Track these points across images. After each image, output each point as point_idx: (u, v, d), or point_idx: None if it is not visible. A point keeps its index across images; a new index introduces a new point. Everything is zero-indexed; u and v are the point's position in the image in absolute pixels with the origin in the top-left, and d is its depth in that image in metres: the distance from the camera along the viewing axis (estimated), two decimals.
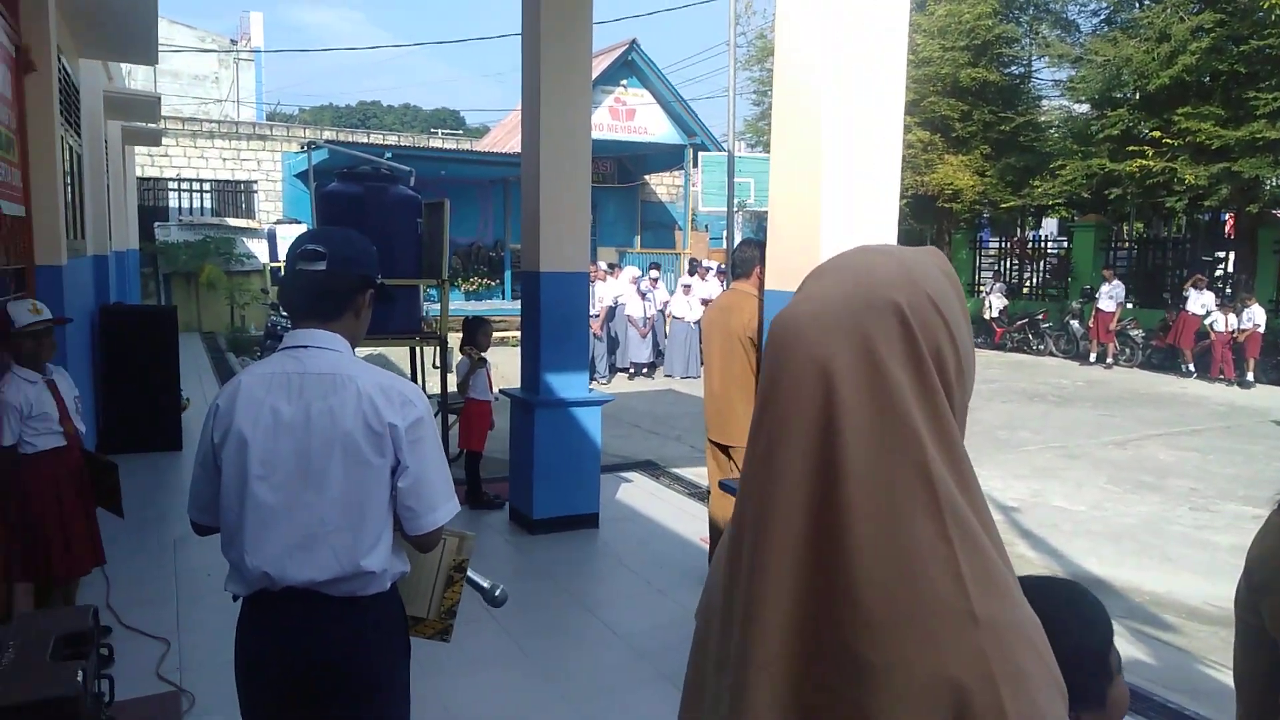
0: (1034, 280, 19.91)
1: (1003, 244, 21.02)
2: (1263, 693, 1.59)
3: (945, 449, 0.80)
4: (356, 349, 2.03)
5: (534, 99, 5.57)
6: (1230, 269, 17.03)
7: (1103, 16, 18.43)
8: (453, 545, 2.25)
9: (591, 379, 12.05)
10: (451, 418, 6.50)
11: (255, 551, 1.85)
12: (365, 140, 21.60)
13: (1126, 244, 18.70)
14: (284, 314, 10.20)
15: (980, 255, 21.22)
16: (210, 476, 1.94)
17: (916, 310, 0.82)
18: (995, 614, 0.76)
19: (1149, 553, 5.86)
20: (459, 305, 18.14)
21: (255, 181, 20.42)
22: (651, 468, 7.54)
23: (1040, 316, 17.26)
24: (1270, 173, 14.49)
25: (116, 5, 6.24)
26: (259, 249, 18.67)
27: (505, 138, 22.90)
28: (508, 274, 19.71)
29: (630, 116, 20.01)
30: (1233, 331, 13.48)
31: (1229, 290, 15.58)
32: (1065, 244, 19.61)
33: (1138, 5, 16.95)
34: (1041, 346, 16.99)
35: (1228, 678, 2.68)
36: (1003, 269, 20.31)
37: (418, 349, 7.55)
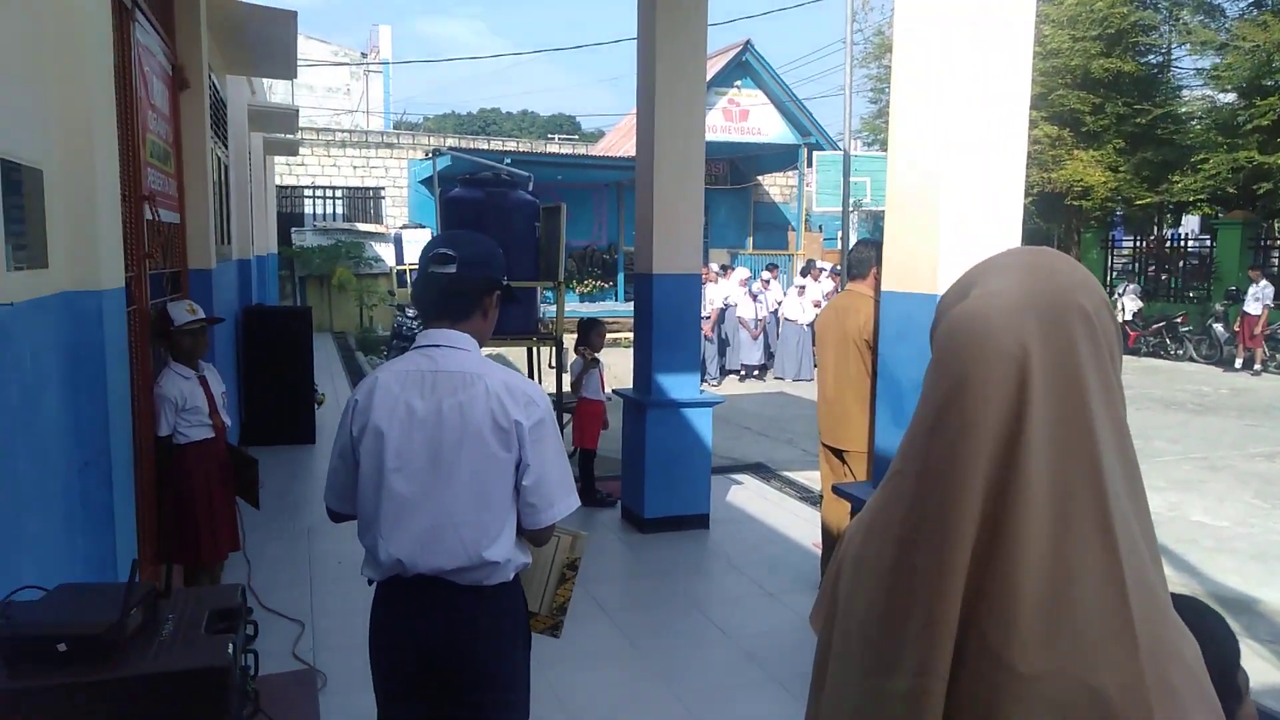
0: (1172, 281, 18.76)
1: (1137, 243, 19.87)
2: None
3: (1120, 456, 0.79)
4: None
5: (649, 102, 5.64)
6: None
7: (1251, 0, 17.24)
8: (566, 543, 2.31)
9: (702, 380, 12.07)
10: (565, 416, 6.64)
11: (390, 539, 1.96)
12: (485, 146, 22.27)
13: (1277, 242, 17.39)
14: (410, 314, 10.65)
15: (1113, 255, 20.11)
16: (348, 467, 2.07)
17: (1099, 313, 0.82)
18: (1153, 631, 0.75)
19: None
20: (573, 307, 18.46)
21: (383, 188, 21.35)
22: (762, 470, 7.50)
23: (1179, 319, 16.24)
24: None
25: (261, 25, 6.66)
26: (386, 253, 19.52)
27: (620, 142, 23.18)
28: (620, 276, 19.94)
29: (744, 117, 19.93)
30: None
31: None
32: (1208, 242, 18.38)
33: None
34: (1180, 351, 15.99)
35: None
36: (1137, 269, 19.21)
37: (534, 349, 7.74)
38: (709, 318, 12.62)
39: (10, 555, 2.09)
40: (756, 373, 13.63)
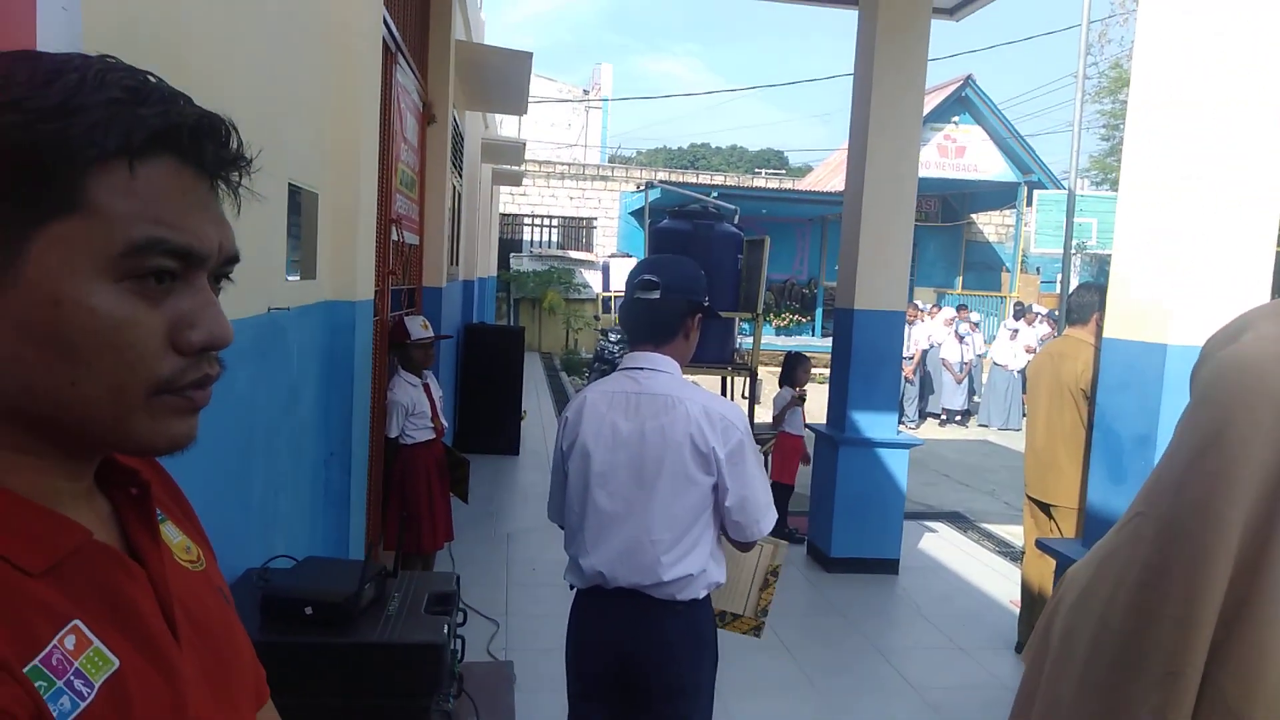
0: None
1: None
2: None
3: None
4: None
5: (861, 136, 5.62)
6: None
7: None
8: (769, 551, 2.41)
9: (900, 422, 11.68)
10: (757, 447, 6.67)
11: (594, 552, 2.10)
12: (694, 180, 22.79)
13: None
14: (612, 339, 11.06)
15: None
16: (562, 482, 2.23)
17: None
18: None
19: None
20: (769, 339, 18.42)
21: (595, 218, 22.33)
22: (959, 520, 7.17)
23: None
24: None
25: (500, 65, 7.23)
26: (594, 279, 20.37)
27: (827, 176, 23.00)
28: (819, 311, 19.71)
29: (960, 154, 19.22)
30: None
31: None
32: None
33: None
34: None
35: None
36: None
37: (729, 379, 7.83)
38: (911, 358, 12.21)
39: (268, 529, 2.41)
40: (959, 418, 13.01)
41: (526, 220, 22.26)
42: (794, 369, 6.60)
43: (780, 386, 6.66)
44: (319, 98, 2.77)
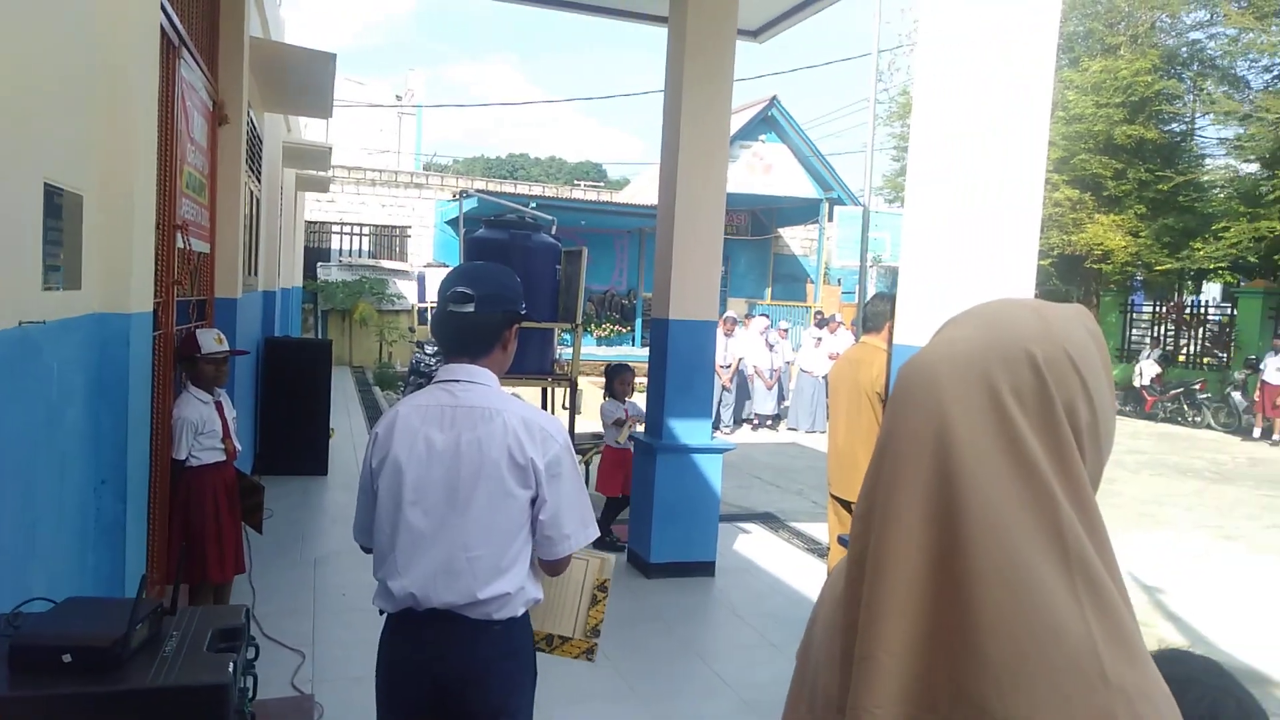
0: (1191, 348, 18.64)
1: (1157, 308, 19.82)
2: None
3: (1078, 504, 0.78)
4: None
5: (673, 151, 5.76)
6: None
7: (1275, 73, 17.37)
8: (595, 566, 2.34)
9: (716, 429, 12.06)
10: (576, 459, 6.67)
11: (405, 573, 2.00)
12: (512, 190, 22.64)
13: None
14: (428, 351, 10.74)
15: (1132, 319, 20.06)
16: (370, 502, 2.11)
17: (1052, 364, 0.80)
18: (1126, 677, 0.73)
19: None
20: (590, 350, 18.56)
21: (409, 227, 21.70)
22: (771, 520, 7.47)
23: (1197, 386, 16.12)
24: None
25: (301, 66, 6.87)
26: (409, 290, 19.76)
27: (645, 189, 23.48)
28: (638, 321, 20.06)
29: (767, 171, 20.17)
30: None
31: None
32: (1229, 310, 18.30)
33: None
34: (1198, 418, 15.85)
35: None
36: (1157, 334, 19.13)
37: (549, 390, 7.79)
38: (729, 367, 12.65)
39: (22, 567, 2.14)
40: (770, 423, 13.61)
41: (335, 228, 21.31)
42: (612, 380, 6.66)
43: (605, 398, 6.70)
44: (84, 91, 2.51)
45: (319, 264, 20.02)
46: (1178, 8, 18.85)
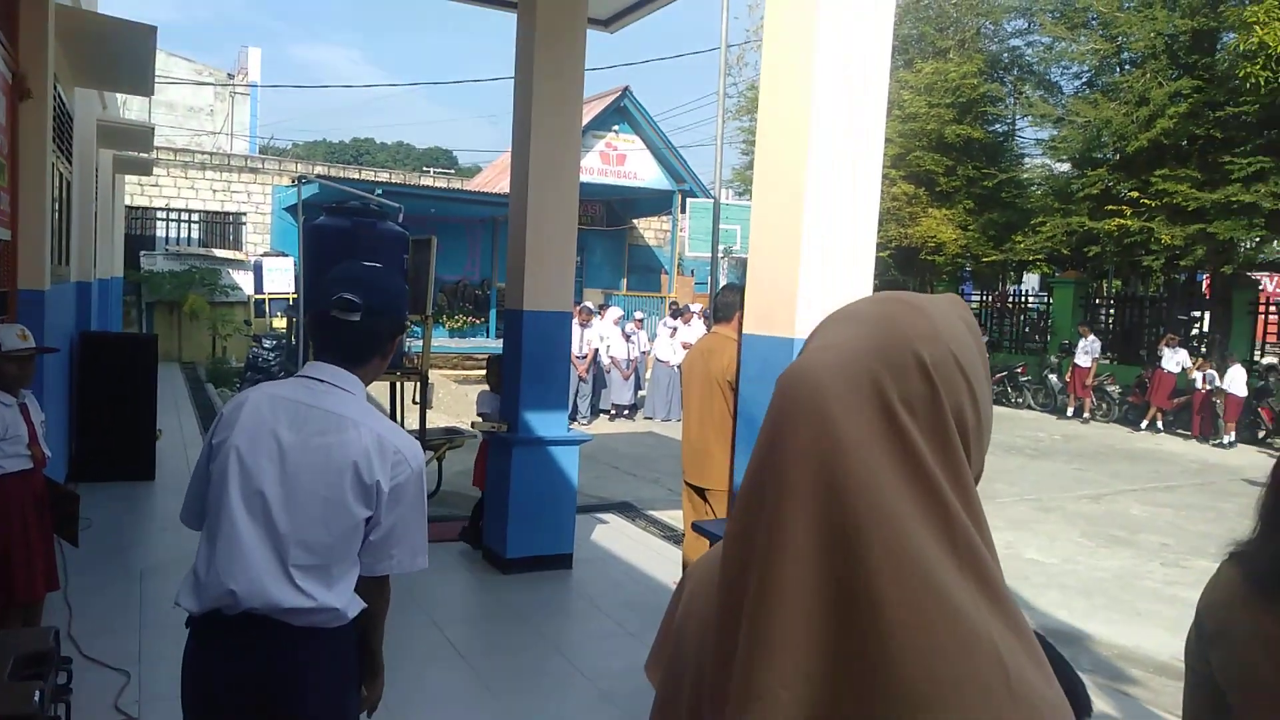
0: (1014, 334, 20.16)
1: (984, 297, 21.31)
2: None
3: (970, 513, 0.76)
4: None
5: (524, 140, 5.67)
6: (1205, 328, 17.30)
7: (1084, 79, 18.93)
8: None
9: (573, 420, 12.05)
10: (428, 454, 6.48)
11: (225, 568, 1.84)
12: (357, 176, 21.76)
13: (1105, 301, 18.99)
14: (266, 345, 10.20)
15: None
16: (202, 485, 1.96)
17: (940, 368, 0.78)
18: (1030, 687, 0.72)
19: (1119, 607, 5.88)
20: (442, 342, 18.16)
21: (244, 214, 20.48)
22: (628, 510, 7.53)
23: (1019, 370, 17.43)
24: (1244, 235, 14.81)
25: (117, 38, 6.33)
26: (244, 280, 18.67)
27: (496, 178, 23.14)
28: (493, 312, 19.78)
29: (621, 161, 20.28)
30: (1211, 389, 13.65)
31: (1204, 349, 15.81)
32: (1046, 299, 19.88)
33: (1118, 69, 17.41)
34: (1020, 399, 17.13)
35: None
36: (984, 322, 20.56)
37: (399, 384, 7.55)
38: (585, 358, 12.65)
39: None
40: (627, 412, 13.73)
41: (160, 214, 19.88)
42: (491, 371, 6.55)
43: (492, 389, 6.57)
44: None
45: (142, 253, 18.63)
46: (1000, 15, 20.25)
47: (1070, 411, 15.72)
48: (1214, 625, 1.58)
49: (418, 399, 7.13)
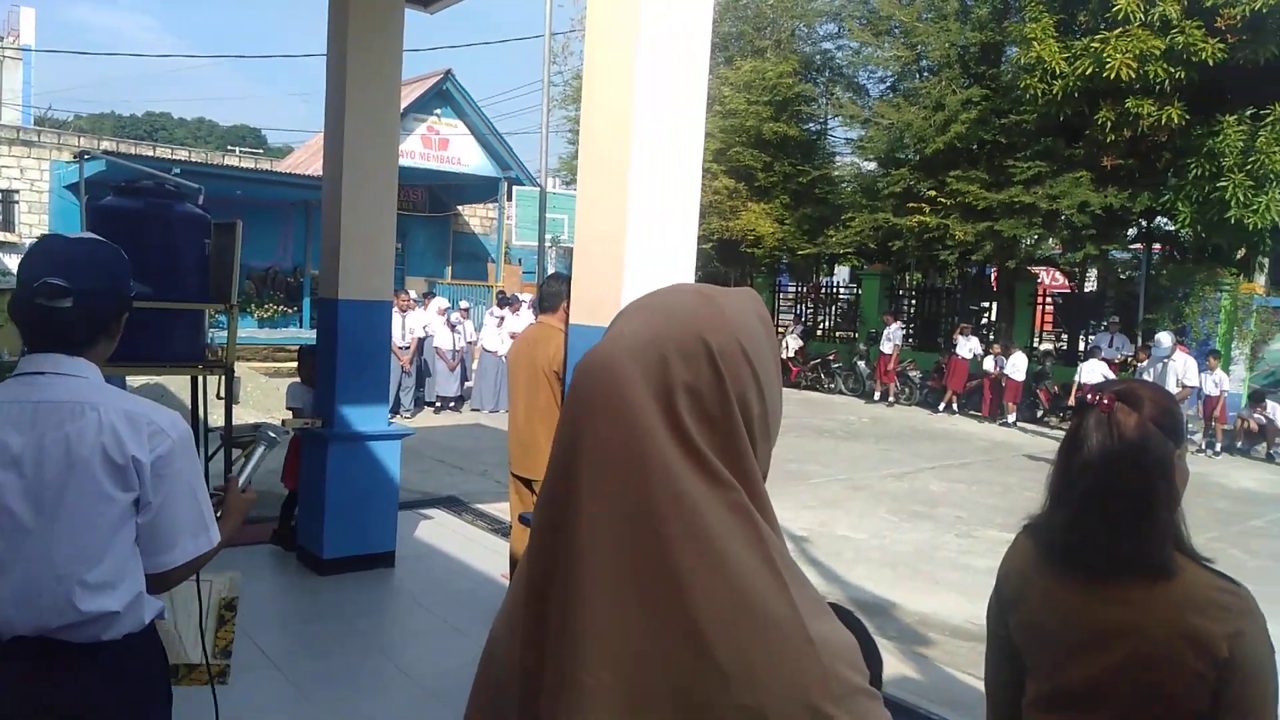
0: (827, 323, 21.28)
1: (800, 288, 22.37)
2: (1010, 700, 1.73)
3: (750, 490, 0.80)
4: (130, 379, 1.84)
5: (338, 119, 5.39)
6: (993, 318, 18.92)
7: (888, 84, 20.16)
8: (221, 584, 2.12)
9: (395, 413, 11.65)
10: (235, 451, 6.07)
11: None
12: (151, 154, 20.08)
13: (908, 292, 20.39)
14: None
15: (779, 298, 22.47)
16: None
17: (726, 355, 0.81)
18: (826, 635, 0.77)
19: (920, 577, 6.33)
20: (250, 332, 17.10)
21: (17, 191, 18.44)
22: (454, 504, 7.36)
23: (831, 357, 18.43)
24: (1025, 233, 16.27)
25: None
26: (16, 265, 16.83)
27: (310, 159, 21.98)
28: (306, 301, 18.81)
29: (444, 146, 19.78)
30: (999, 374, 14.94)
31: (992, 337, 17.29)
32: (855, 290, 21.11)
33: (918, 76, 18.66)
34: (832, 385, 18.12)
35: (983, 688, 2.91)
36: (800, 312, 21.59)
37: (201, 378, 7.02)
38: (408, 348, 12.24)
39: None
40: (453, 404, 13.42)
41: None
42: (303, 363, 6.20)
43: (301, 381, 6.22)
44: None
45: None
46: (813, 19, 21.21)
47: (877, 396, 16.78)
48: (1010, 591, 1.71)
49: (222, 394, 6.66)
